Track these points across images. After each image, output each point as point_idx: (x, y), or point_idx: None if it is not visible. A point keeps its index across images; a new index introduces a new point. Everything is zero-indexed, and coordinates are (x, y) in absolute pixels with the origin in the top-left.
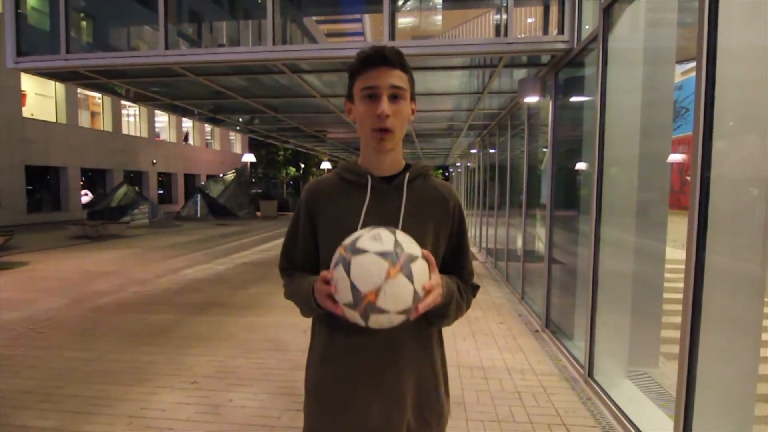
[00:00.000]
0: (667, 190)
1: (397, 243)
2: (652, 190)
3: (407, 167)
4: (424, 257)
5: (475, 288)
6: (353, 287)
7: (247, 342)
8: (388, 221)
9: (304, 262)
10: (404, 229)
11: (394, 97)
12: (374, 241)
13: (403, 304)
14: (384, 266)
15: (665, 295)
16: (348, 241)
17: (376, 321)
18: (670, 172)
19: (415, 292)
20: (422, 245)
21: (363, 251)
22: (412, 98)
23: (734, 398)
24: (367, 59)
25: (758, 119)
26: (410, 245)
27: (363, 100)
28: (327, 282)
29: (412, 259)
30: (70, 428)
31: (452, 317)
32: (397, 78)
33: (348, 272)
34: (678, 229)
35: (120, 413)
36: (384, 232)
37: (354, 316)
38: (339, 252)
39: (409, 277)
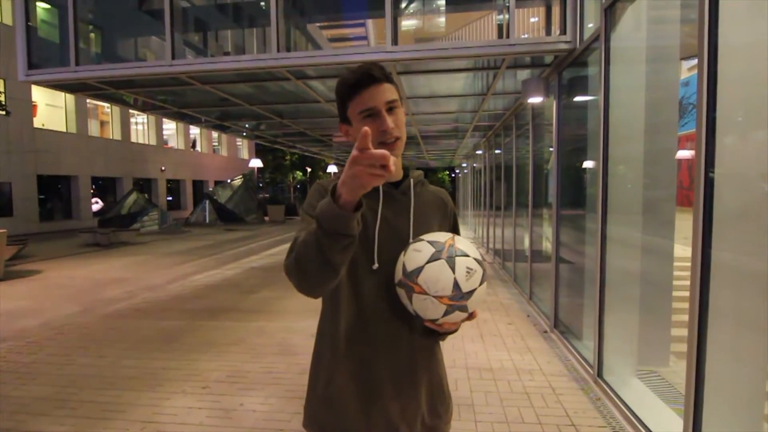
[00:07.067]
0: (674, 187)
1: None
2: (659, 187)
3: (406, 173)
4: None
5: None
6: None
7: (257, 346)
8: (400, 223)
9: None
10: (414, 230)
11: (391, 109)
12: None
13: (442, 290)
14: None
15: (676, 293)
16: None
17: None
18: (679, 169)
19: (456, 282)
20: None
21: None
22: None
23: (744, 397)
24: (356, 83)
25: (764, 115)
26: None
27: (364, 121)
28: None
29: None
30: None
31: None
32: (389, 92)
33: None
34: (689, 226)
35: (133, 418)
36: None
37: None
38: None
39: (452, 266)
